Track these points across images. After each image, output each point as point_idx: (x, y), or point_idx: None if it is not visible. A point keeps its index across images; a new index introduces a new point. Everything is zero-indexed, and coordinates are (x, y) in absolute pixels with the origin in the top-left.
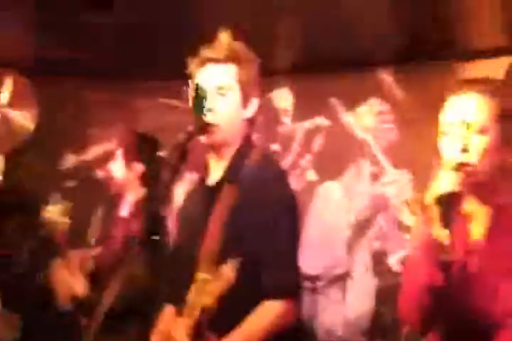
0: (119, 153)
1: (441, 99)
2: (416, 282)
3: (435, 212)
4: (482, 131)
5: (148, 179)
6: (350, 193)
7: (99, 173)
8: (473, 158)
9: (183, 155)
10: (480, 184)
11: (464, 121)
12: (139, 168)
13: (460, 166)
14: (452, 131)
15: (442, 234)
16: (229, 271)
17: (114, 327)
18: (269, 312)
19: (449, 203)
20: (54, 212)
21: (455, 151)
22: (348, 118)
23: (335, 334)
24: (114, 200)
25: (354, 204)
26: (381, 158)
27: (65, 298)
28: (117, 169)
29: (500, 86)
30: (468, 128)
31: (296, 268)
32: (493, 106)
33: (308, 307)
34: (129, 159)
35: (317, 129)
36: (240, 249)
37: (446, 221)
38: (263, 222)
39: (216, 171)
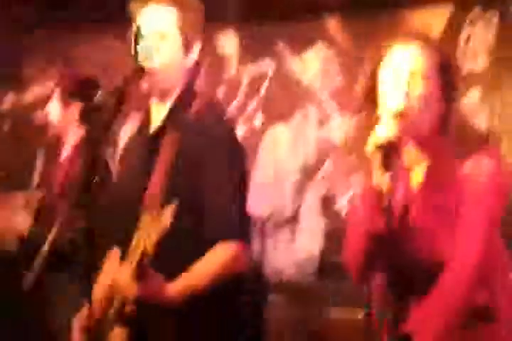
0: (56, 93)
1: (383, 47)
2: (359, 228)
3: (376, 159)
4: (422, 79)
5: (87, 121)
6: (297, 137)
7: (37, 115)
8: (412, 105)
9: (121, 100)
10: (419, 132)
11: (405, 68)
12: (77, 106)
13: (400, 113)
14: (393, 78)
15: (382, 181)
16: (167, 214)
17: (58, 267)
18: (220, 255)
19: (388, 150)
20: None
21: (395, 98)
22: (294, 62)
23: (284, 275)
24: (53, 143)
25: (302, 148)
26: (327, 102)
27: (8, 237)
28: (54, 110)
29: (440, 38)
30: (409, 75)
31: (244, 211)
32: (434, 55)
33: (258, 250)
34: (66, 99)
35: (263, 74)
36: (183, 195)
37: (386, 168)
38: (208, 167)
39: (158, 117)
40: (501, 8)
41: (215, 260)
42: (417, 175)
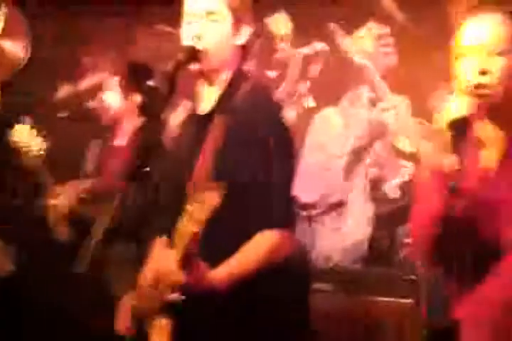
0: (115, 82)
1: (449, 20)
2: (427, 210)
3: (447, 137)
4: (500, 53)
5: (144, 109)
6: (348, 120)
7: (92, 104)
8: (492, 80)
9: (172, 84)
10: (497, 108)
11: (481, 43)
12: (137, 98)
13: (477, 89)
14: (469, 53)
15: (453, 161)
16: (214, 195)
17: (111, 248)
18: (265, 241)
19: (461, 128)
20: (22, 133)
21: (472, 74)
22: (346, 43)
23: (332, 261)
24: (109, 131)
25: (352, 130)
26: (380, 83)
27: (60, 223)
28: (113, 99)
29: None
30: (486, 50)
31: (290, 198)
32: (510, 27)
33: (305, 235)
34: (126, 89)
35: (315, 55)
36: (230, 177)
37: (458, 146)
38: (255, 152)
39: (207, 99)
40: None
41: (260, 246)
42: (493, 153)
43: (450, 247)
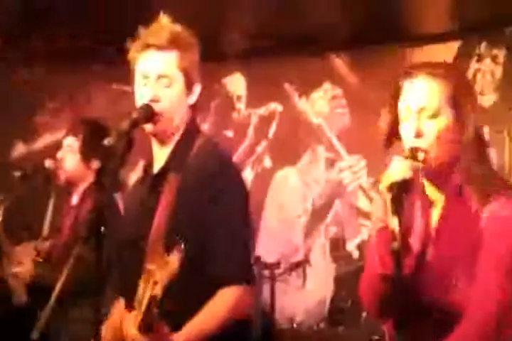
0: (73, 144)
1: (393, 84)
2: (372, 270)
3: (388, 199)
4: (434, 116)
5: (100, 168)
6: (306, 179)
7: (49, 163)
8: (426, 143)
9: (128, 144)
10: (434, 170)
11: (416, 105)
12: (96, 164)
13: (413, 152)
14: (407, 116)
15: (394, 222)
16: (174, 259)
17: (66, 311)
18: (224, 300)
19: (401, 190)
20: None
21: (409, 137)
22: (302, 103)
23: (295, 321)
24: (65, 190)
25: (310, 190)
26: (336, 143)
27: (20, 290)
28: (71, 161)
29: (451, 69)
30: (420, 112)
31: (249, 255)
32: (445, 89)
33: (268, 295)
34: (84, 151)
35: (272, 115)
36: (186, 237)
37: (397, 208)
38: (211, 208)
39: (160, 159)
40: (508, 44)
41: (218, 306)
42: (435, 215)
43: (398, 306)
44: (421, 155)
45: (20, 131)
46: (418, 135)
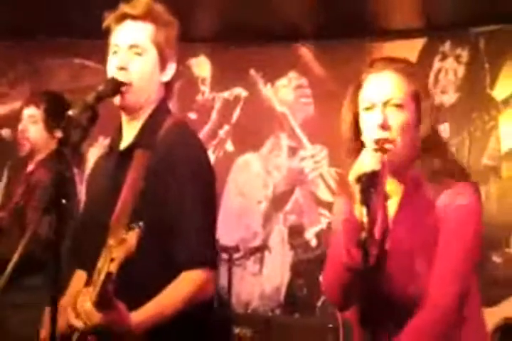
0: (38, 115)
1: (358, 77)
2: (336, 260)
3: (356, 190)
4: (399, 108)
5: (62, 140)
6: (267, 166)
7: (6, 132)
8: (392, 134)
9: (93, 117)
10: (397, 162)
11: (381, 98)
12: (59, 133)
13: (379, 143)
14: (370, 108)
15: (361, 213)
16: (132, 237)
17: (21, 285)
18: (187, 283)
19: (369, 181)
20: None
21: (374, 128)
22: (267, 90)
23: (250, 306)
24: (22, 162)
25: (272, 177)
26: (298, 132)
27: None
28: (34, 131)
29: (414, 65)
30: (385, 105)
31: (212, 238)
32: (409, 84)
33: (225, 279)
34: (48, 123)
35: (236, 100)
36: (150, 216)
37: (366, 199)
38: (177, 190)
39: (129, 135)
40: (472, 44)
41: (181, 288)
42: (393, 206)
43: (361, 296)
44: (388, 146)
45: None
46: (384, 127)
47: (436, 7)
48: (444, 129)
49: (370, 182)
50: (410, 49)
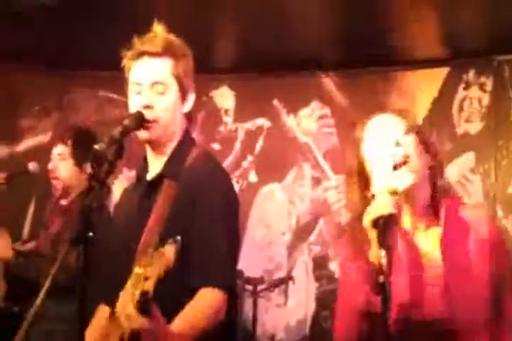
0: (66, 152)
1: (380, 109)
2: (351, 309)
3: (372, 234)
4: (399, 145)
5: (90, 174)
6: (291, 196)
7: (33, 166)
8: (404, 181)
9: (119, 150)
10: (415, 201)
11: (392, 140)
12: (88, 168)
13: (392, 190)
14: (382, 151)
15: (379, 256)
16: (169, 252)
17: (49, 313)
18: (202, 298)
19: (386, 224)
20: None
21: (386, 171)
22: (290, 120)
23: (276, 339)
24: (55, 198)
25: (295, 207)
26: (322, 162)
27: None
28: (64, 169)
29: (435, 99)
30: (397, 146)
31: (232, 264)
32: (414, 129)
33: (249, 311)
34: (76, 158)
35: (259, 130)
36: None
37: (384, 242)
38: (203, 218)
39: (155, 167)
40: (496, 72)
41: (202, 304)
42: (426, 243)
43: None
44: (399, 193)
45: (3, 133)
46: (395, 168)
47: (459, 36)
48: (470, 158)
49: (387, 225)
50: (434, 78)
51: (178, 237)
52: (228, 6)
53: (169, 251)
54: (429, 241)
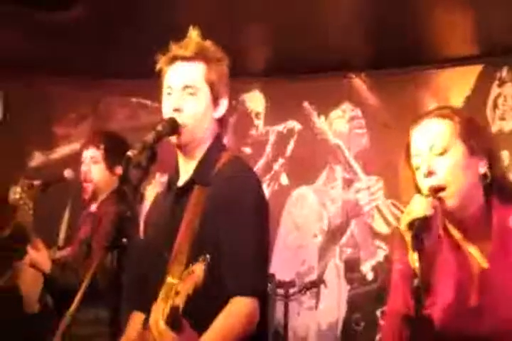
0: (99, 155)
1: (412, 108)
2: (394, 310)
3: (408, 236)
4: (443, 153)
5: (123, 180)
6: (323, 199)
7: (68, 173)
8: (440, 180)
9: (152, 156)
10: (458, 210)
11: (426, 145)
12: (119, 171)
13: (432, 190)
14: (419, 157)
15: (414, 260)
16: (199, 269)
17: (84, 317)
18: (235, 308)
19: (421, 227)
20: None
21: (421, 176)
22: (320, 122)
23: None
24: (85, 201)
25: (327, 210)
26: (353, 163)
27: (31, 301)
28: (96, 171)
29: (458, 111)
30: (430, 150)
31: (263, 270)
32: (454, 126)
33: (281, 314)
34: (109, 161)
35: (290, 133)
36: (210, 251)
37: (418, 245)
38: (235, 223)
39: (186, 172)
40: None
41: (230, 314)
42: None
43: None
44: (442, 194)
45: (39, 140)
46: (430, 173)
47: (492, 33)
48: (504, 157)
49: (422, 228)
50: (467, 76)
51: (208, 255)
52: (259, 11)
53: (199, 269)
54: (477, 253)
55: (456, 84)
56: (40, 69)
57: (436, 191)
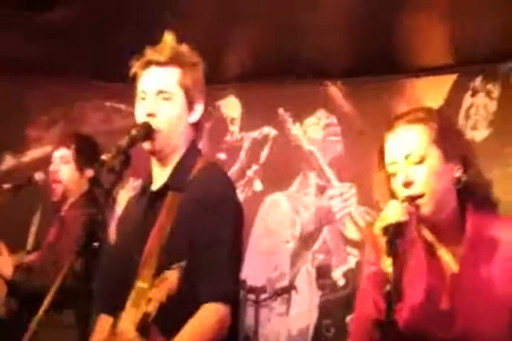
0: (69, 155)
1: (387, 117)
2: (364, 316)
3: (382, 241)
4: (421, 161)
5: (94, 183)
6: (296, 205)
7: (39, 176)
8: (418, 189)
9: (126, 161)
10: (432, 215)
11: (401, 154)
12: (89, 173)
13: (409, 199)
14: (395, 165)
15: (387, 264)
16: (173, 277)
17: (52, 322)
18: (206, 314)
19: (395, 232)
20: None
21: (398, 186)
22: (295, 129)
23: None
24: (55, 204)
25: (300, 216)
26: (327, 170)
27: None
28: (66, 172)
29: (433, 113)
30: (406, 160)
31: (236, 276)
32: (430, 132)
33: (251, 320)
34: (79, 162)
35: (264, 139)
36: (181, 256)
37: (392, 250)
38: (207, 228)
39: (160, 177)
40: (502, 79)
41: (202, 320)
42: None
43: None
44: (420, 202)
45: (10, 143)
46: (408, 183)
47: (466, 43)
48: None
49: (397, 234)
50: (441, 85)
51: (182, 263)
52: (236, 17)
53: (172, 276)
54: (449, 257)
55: (430, 93)
56: (13, 70)
57: (414, 199)
